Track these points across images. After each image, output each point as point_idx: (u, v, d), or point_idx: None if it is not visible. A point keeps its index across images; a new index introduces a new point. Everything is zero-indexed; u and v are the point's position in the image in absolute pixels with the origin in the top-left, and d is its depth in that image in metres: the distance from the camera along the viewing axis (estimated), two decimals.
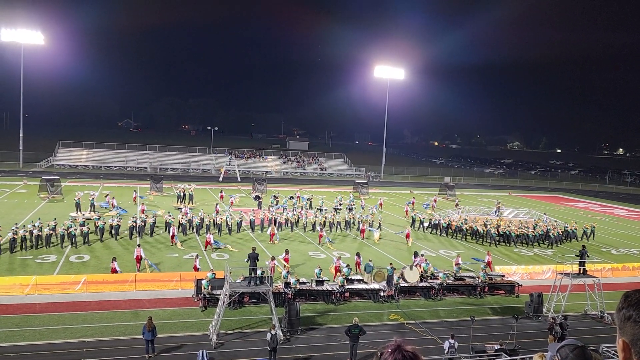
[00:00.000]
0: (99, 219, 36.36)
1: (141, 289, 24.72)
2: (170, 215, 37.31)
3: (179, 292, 24.73)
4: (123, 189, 57.60)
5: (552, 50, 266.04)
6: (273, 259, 26.65)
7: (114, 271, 25.88)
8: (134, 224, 35.01)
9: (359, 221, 41.26)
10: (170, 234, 33.92)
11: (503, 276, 28.84)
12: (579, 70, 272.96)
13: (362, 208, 49.48)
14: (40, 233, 31.38)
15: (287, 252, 29.20)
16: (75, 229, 32.73)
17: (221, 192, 53.47)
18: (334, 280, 25.94)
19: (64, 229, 31.93)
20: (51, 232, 31.71)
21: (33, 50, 79.76)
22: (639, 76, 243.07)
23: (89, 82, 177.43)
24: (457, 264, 29.95)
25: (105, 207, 42.70)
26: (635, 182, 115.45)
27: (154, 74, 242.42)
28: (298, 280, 24.74)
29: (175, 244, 33.26)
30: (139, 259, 27.65)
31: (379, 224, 41.24)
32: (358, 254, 30.16)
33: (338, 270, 26.99)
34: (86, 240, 32.47)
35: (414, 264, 28.10)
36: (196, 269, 26.55)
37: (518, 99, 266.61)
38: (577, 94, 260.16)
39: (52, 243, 31.60)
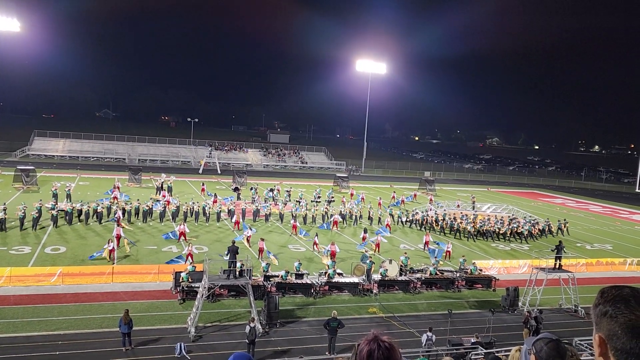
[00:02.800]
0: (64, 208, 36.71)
1: (118, 281, 24.46)
2: (138, 201, 38.94)
3: (157, 284, 24.52)
4: (100, 180, 56.85)
5: (531, 46, 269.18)
6: (262, 240, 29.87)
7: (112, 251, 27.26)
8: (96, 211, 36.30)
9: (332, 213, 41.44)
10: (116, 216, 35.19)
11: (481, 270, 29.20)
12: (558, 67, 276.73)
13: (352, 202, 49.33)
14: None
15: (250, 228, 33.05)
16: (37, 213, 33.44)
17: (202, 184, 53.16)
18: (329, 264, 26.43)
19: (21, 213, 32.79)
20: (5, 216, 32.21)
21: (9, 38, 78.03)
22: (616, 75, 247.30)
23: (67, 70, 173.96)
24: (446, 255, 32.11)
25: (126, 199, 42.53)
26: (610, 179, 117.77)
27: (133, 63, 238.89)
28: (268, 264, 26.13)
29: (123, 227, 33.95)
30: (118, 237, 28.80)
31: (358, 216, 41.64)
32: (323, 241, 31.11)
33: (334, 254, 28.78)
34: (55, 224, 33.95)
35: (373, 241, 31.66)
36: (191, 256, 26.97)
37: (497, 95, 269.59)
38: (555, 91, 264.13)
39: (9, 227, 32.32)
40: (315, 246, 32.52)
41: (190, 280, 23.16)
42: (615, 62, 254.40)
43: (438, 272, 27.59)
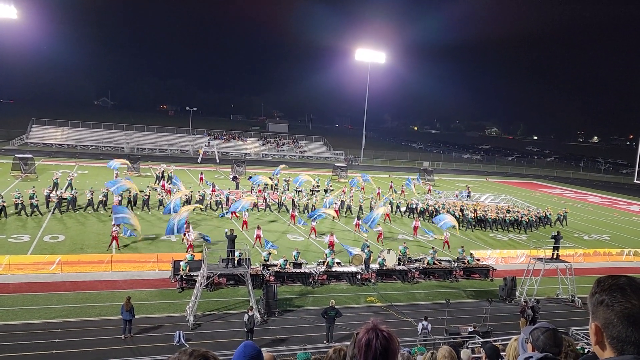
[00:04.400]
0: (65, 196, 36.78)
1: (117, 269, 24.53)
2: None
3: (156, 273, 24.60)
4: (99, 169, 56.77)
5: (531, 35, 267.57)
6: (259, 227, 30.48)
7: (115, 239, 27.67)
8: (91, 198, 36.26)
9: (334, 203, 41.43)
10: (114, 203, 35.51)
11: (478, 260, 29.31)
12: (557, 58, 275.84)
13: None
14: None
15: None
16: (36, 200, 33.75)
17: (201, 174, 53.13)
18: (327, 253, 26.54)
19: (19, 201, 33.18)
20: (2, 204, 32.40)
21: (6, 25, 77.49)
22: (616, 65, 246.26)
23: (65, 58, 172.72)
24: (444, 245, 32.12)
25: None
26: (609, 170, 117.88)
27: (132, 52, 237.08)
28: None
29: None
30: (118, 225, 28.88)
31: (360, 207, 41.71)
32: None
33: (332, 244, 28.74)
34: (54, 211, 34.43)
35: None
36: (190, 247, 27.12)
37: (497, 85, 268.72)
38: (555, 82, 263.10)
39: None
40: (313, 232, 32.98)
41: (189, 269, 23.22)
42: (615, 52, 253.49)
43: (436, 262, 27.70)
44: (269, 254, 26.04)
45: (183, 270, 23.13)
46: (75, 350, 16.89)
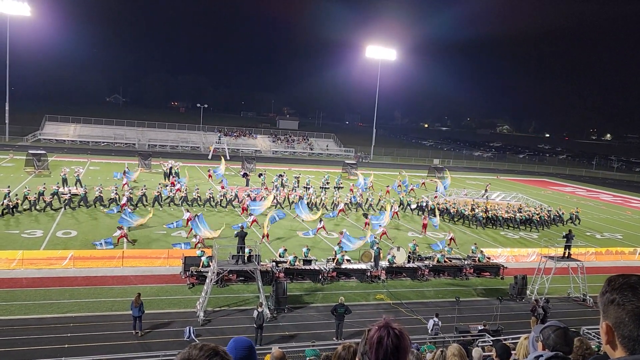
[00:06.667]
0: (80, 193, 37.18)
1: (128, 265, 24.73)
2: (145, 187, 39.29)
3: (167, 269, 24.76)
4: (111, 165, 57.18)
5: (543, 32, 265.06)
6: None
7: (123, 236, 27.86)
8: (100, 195, 36.48)
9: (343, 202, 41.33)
10: (122, 202, 35.54)
11: (489, 258, 29.19)
12: (570, 55, 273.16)
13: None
14: None
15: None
16: (50, 198, 34.44)
17: (209, 170, 53.25)
18: (336, 250, 26.56)
19: (32, 199, 33.65)
20: (9, 202, 32.34)
21: (19, 22, 78.12)
22: (629, 62, 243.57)
23: (77, 55, 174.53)
24: (449, 242, 31.27)
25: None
26: (622, 168, 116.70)
27: (143, 49, 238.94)
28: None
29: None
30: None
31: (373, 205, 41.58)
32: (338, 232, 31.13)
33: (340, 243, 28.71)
34: (66, 207, 34.65)
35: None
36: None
37: (508, 82, 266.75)
38: (567, 79, 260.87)
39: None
40: (323, 230, 33.05)
41: (209, 264, 23.13)
42: (628, 50, 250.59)
43: (446, 260, 27.61)
44: (285, 250, 26.17)
45: (205, 265, 23.02)
46: (87, 344, 17.05)
